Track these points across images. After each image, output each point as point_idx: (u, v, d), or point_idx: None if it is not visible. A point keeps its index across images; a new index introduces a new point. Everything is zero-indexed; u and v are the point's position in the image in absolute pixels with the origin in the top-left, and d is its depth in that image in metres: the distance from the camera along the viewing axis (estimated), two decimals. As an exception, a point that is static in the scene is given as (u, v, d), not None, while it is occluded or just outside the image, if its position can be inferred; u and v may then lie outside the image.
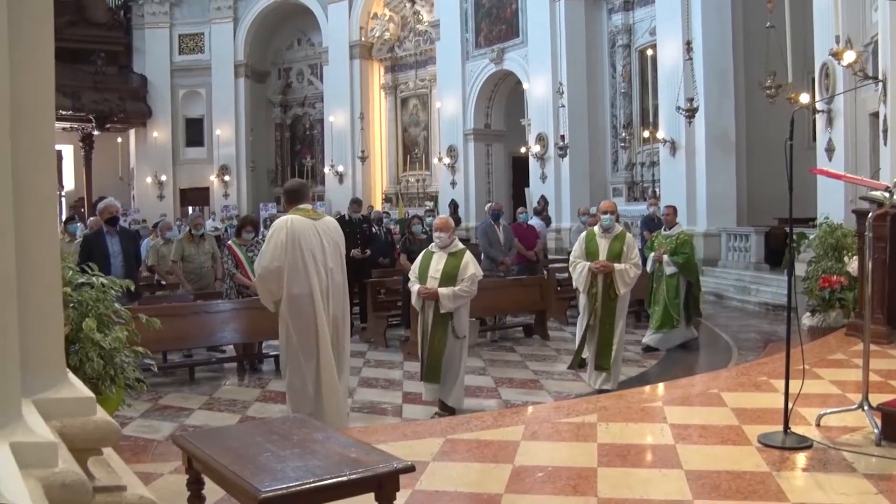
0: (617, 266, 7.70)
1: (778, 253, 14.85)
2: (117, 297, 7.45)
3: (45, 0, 2.73)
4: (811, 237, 10.51)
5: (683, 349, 9.97)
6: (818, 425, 4.79)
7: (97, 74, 29.10)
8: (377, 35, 27.90)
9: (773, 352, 8.30)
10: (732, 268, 15.98)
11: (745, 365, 6.90)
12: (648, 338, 10.09)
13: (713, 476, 3.98)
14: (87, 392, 2.90)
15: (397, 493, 3.63)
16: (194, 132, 31.04)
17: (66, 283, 4.73)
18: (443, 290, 7.09)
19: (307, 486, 2.52)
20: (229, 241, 10.31)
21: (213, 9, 30.34)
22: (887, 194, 4.72)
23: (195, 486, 3.03)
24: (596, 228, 8.13)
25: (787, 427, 4.50)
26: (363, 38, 28.01)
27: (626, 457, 4.25)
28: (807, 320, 9.62)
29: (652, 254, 10.19)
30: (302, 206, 6.20)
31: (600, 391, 7.21)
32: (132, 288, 5.19)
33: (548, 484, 3.87)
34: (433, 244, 7.51)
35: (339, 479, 2.56)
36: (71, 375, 3.00)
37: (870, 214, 5.13)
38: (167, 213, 26.33)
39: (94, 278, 4.80)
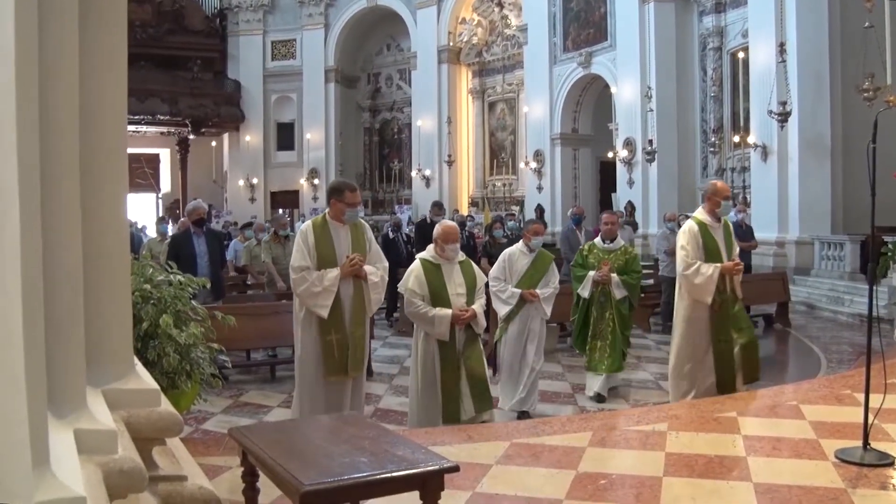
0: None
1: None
2: (203, 295, 7.70)
3: (118, 6, 2.83)
4: (907, 246, 10.08)
5: (770, 360, 9.67)
6: (902, 442, 4.59)
7: (194, 80, 30.07)
8: (465, 40, 28.00)
9: (864, 365, 7.98)
10: (825, 277, 15.45)
11: (829, 377, 6.66)
12: (598, 384, 7.71)
13: (783, 490, 3.85)
14: (153, 384, 3.00)
15: (458, 495, 3.65)
16: (285, 136, 31.74)
17: (146, 280, 4.90)
18: (478, 309, 6.06)
19: (350, 481, 2.55)
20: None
21: (304, 16, 30.96)
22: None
23: (250, 478, 3.10)
24: (707, 218, 6.65)
25: (866, 442, 4.33)
26: (451, 43, 28.15)
27: (693, 467, 4.15)
28: (900, 332, 9.25)
29: (592, 273, 7.78)
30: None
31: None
32: (207, 286, 5.33)
33: (609, 492, 3.82)
34: (431, 253, 6.23)
35: (383, 475, 2.59)
36: (139, 368, 3.12)
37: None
38: (258, 214, 26.98)
39: (172, 276, 4.95)
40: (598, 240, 8.08)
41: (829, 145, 16.73)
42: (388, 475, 2.59)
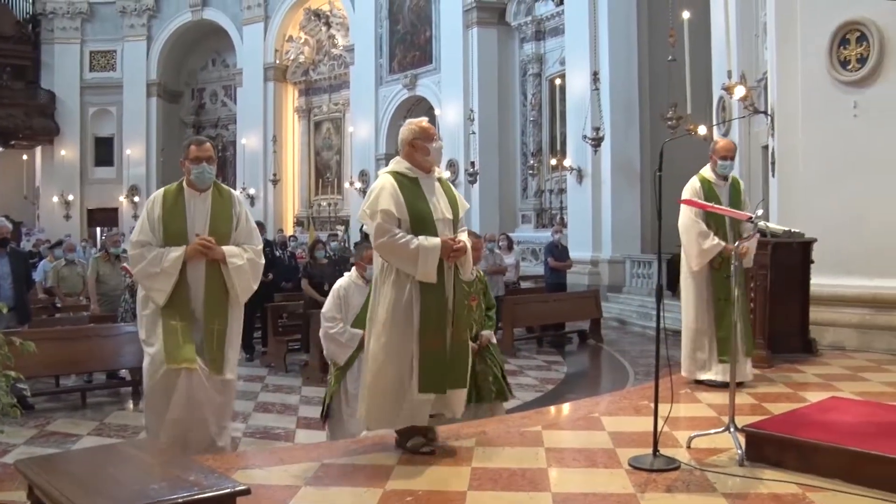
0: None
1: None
2: (6, 319, 7.28)
3: None
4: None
5: (581, 375, 10.14)
6: (689, 447, 4.94)
7: (2, 89, 28.38)
8: (292, 58, 27.89)
9: (665, 375, 8.49)
10: (636, 294, 16.39)
11: (629, 389, 7.09)
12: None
13: (579, 498, 4.08)
14: (-69, 418, 2.85)
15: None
16: (104, 151, 30.48)
17: (-65, 305, 4.62)
18: (467, 243, 4.62)
19: (137, 510, 2.52)
20: (124, 264, 10.09)
21: (126, 26, 29.91)
22: (749, 225, 4.95)
23: (36, 513, 2.99)
24: (712, 176, 6.63)
25: (656, 450, 4.64)
26: (278, 61, 27.97)
27: (497, 480, 4.32)
28: (697, 345, 9.88)
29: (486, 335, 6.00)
30: None
31: None
32: (4, 310, 5.05)
33: (415, 508, 3.92)
34: (405, 164, 4.73)
35: (171, 501, 2.57)
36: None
37: (737, 244, 5.35)
38: (73, 233, 25.71)
39: (-37, 301, 4.69)
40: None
41: (638, 169, 17.77)
42: (177, 500, 2.58)
